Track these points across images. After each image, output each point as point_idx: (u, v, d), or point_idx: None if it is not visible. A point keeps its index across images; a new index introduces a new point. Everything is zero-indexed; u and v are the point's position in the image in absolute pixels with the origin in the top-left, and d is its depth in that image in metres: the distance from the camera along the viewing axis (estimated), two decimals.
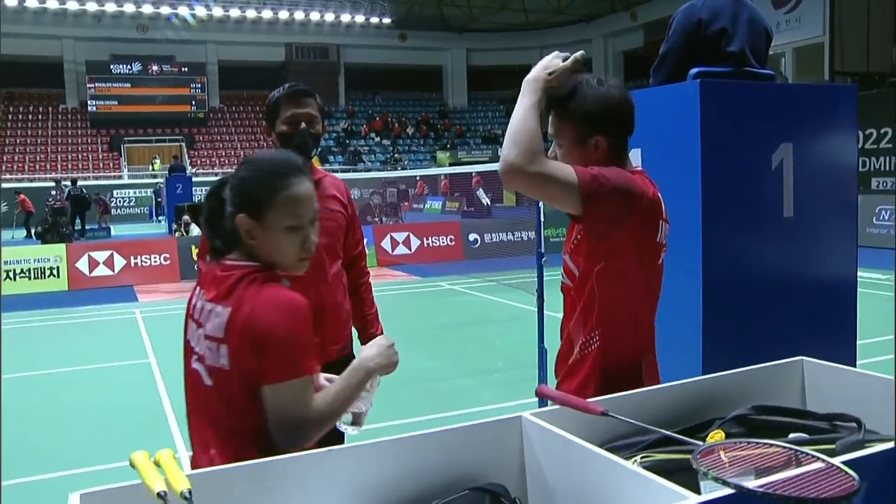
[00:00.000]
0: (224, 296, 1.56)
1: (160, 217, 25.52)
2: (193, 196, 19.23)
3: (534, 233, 5.91)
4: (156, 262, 12.58)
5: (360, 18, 36.62)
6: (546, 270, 4.67)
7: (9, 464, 3.74)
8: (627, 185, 1.74)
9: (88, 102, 35.49)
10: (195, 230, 13.97)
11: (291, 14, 35.93)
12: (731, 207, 2.68)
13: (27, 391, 6.12)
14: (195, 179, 22.27)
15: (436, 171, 31.44)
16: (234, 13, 35.09)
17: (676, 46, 2.86)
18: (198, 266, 2.88)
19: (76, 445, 4.93)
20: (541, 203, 4.86)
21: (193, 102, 37.01)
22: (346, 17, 36.51)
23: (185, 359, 1.66)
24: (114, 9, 33.06)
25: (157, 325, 8.83)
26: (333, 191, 2.72)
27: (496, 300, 10.01)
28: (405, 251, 14.07)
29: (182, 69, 36.78)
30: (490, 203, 23.92)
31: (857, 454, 1.21)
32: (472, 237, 14.85)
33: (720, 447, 1.27)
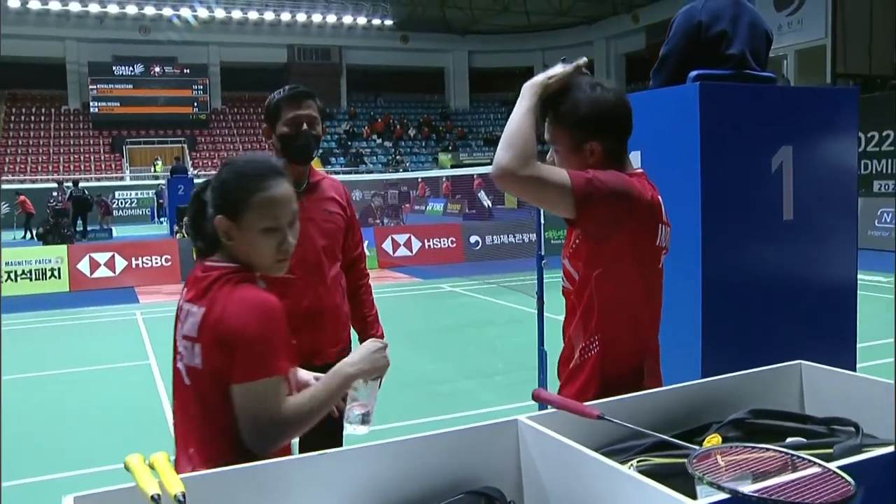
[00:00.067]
0: (200, 296, 1.58)
1: (162, 218, 25.55)
2: None
3: (535, 235, 5.91)
4: (157, 264, 12.59)
5: (363, 20, 36.66)
6: (546, 273, 4.67)
7: (10, 464, 3.74)
8: (625, 188, 1.73)
9: (91, 104, 35.59)
10: None
11: (293, 16, 35.99)
12: (731, 210, 2.68)
13: (28, 392, 6.12)
14: (197, 181, 22.17)
15: (437, 173, 31.45)
16: (237, 15, 35.15)
17: (676, 49, 2.85)
18: None
19: (76, 446, 4.93)
20: None
21: (195, 104, 37.09)
22: (349, 19, 36.56)
23: (173, 359, 1.68)
24: (116, 10, 33.13)
25: (158, 327, 8.82)
26: (332, 193, 2.72)
27: (497, 302, 10.01)
28: (406, 253, 14.07)
29: (184, 71, 36.87)
30: (491, 205, 23.92)
31: (855, 459, 1.21)
32: (474, 239, 14.85)
33: (717, 451, 1.27)
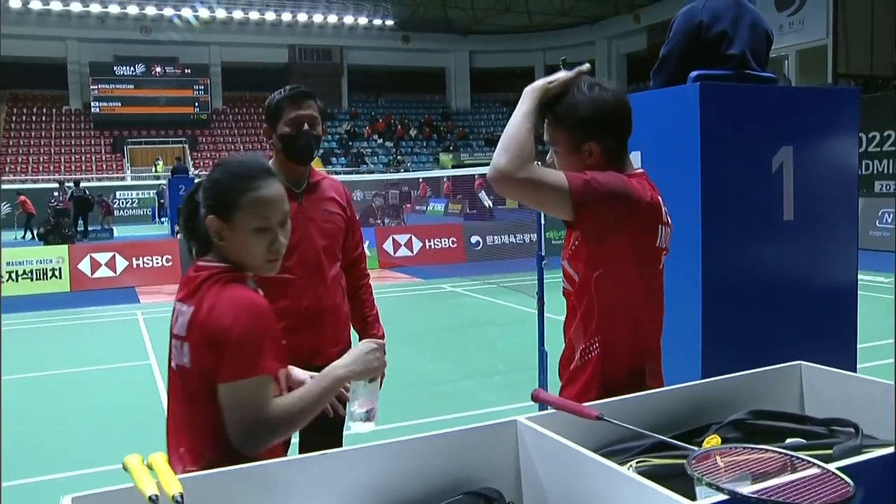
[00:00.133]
0: (190, 295, 1.59)
1: (163, 219, 25.56)
2: None
3: (535, 235, 5.90)
4: (158, 264, 12.58)
5: (364, 20, 36.67)
6: (547, 273, 4.66)
7: (10, 464, 3.74)
8: (624, 189, 1.73)
9: (92, 104, 35.60)
10: None
11: (294, 16, 36.00)
12: (731, 210, 2.68)
13: (28, 392, 6.12)
14: (198, 181, 22.23)
15: (438, 174, 31.45)
16: (238, 15, 35.16)
17: (677, 49, 2.85)
18: None
19: (76, 446, 4.93)
20: None
21: (196, 104, 37.10)
22: (350, 19, 36.56)
23: (168, 358, 1.69)
24: (118, 10, 33.15)
25: (159, 327, 8.76)
26: (332, 193, 2.71)
27: (498, 302, 10.00)
28: (407, 253, 14.06)
29: (185, 71, 36.89)
30: (492, 205, 23.92)
31: (854, 460, 1.20)
32: (474, 239, 14.84)
33: (716, 452, 1.27)
